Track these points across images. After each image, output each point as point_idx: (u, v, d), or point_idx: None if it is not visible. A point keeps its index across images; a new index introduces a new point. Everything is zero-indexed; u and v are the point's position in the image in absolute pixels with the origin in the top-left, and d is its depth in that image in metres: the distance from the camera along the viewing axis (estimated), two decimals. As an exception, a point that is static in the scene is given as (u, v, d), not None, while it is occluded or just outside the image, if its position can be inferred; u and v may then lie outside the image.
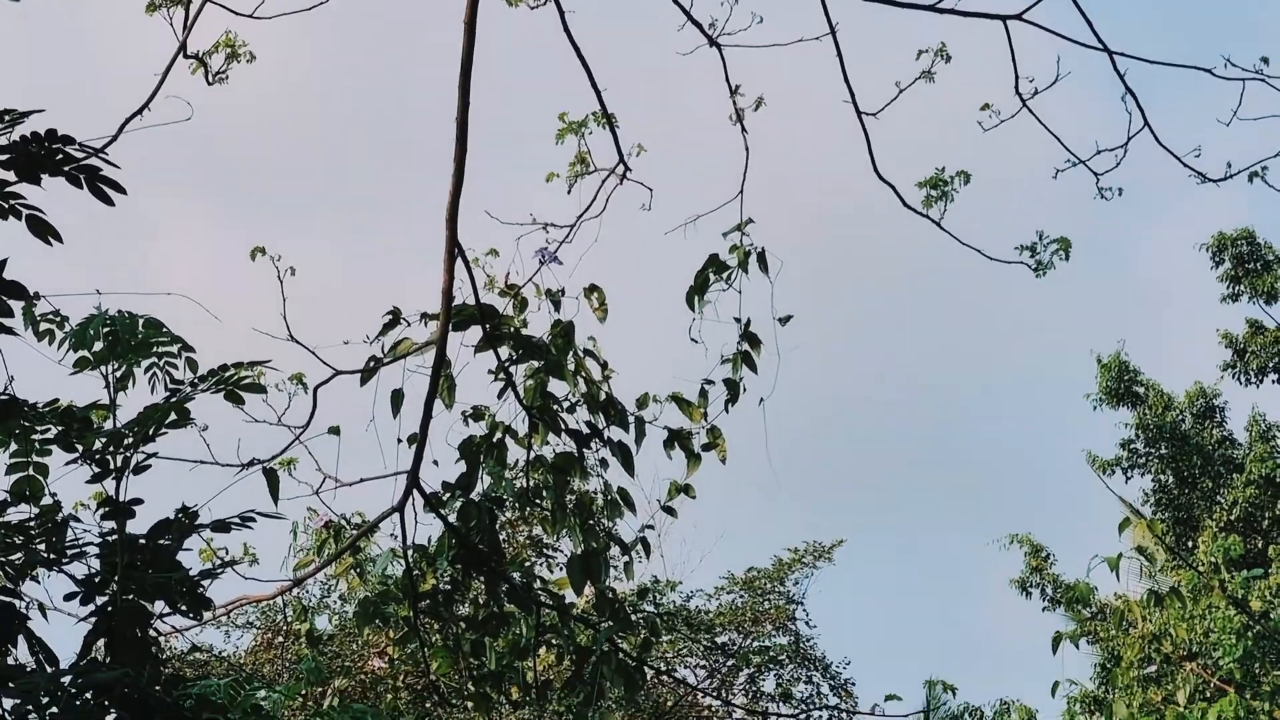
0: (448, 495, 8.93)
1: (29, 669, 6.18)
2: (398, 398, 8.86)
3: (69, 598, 6.53)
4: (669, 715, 33.15)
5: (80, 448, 6.52)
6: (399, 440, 8.81)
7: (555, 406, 9.09)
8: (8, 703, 5.93)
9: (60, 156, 6.28)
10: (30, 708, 5.90)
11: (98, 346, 6.58)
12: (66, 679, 6.02)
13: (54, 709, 5.92)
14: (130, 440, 6.50)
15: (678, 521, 9.75)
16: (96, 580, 6.50)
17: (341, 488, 9.16)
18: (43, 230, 6.33)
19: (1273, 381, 36.58)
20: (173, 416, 6.63)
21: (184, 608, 6.62)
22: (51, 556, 6.51)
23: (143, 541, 6.57)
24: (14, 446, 6.63)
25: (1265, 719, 13.27)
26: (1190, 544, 31.05)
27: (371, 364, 8.84)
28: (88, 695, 6.03)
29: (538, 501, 9.25)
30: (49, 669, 6.13)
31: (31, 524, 6.64)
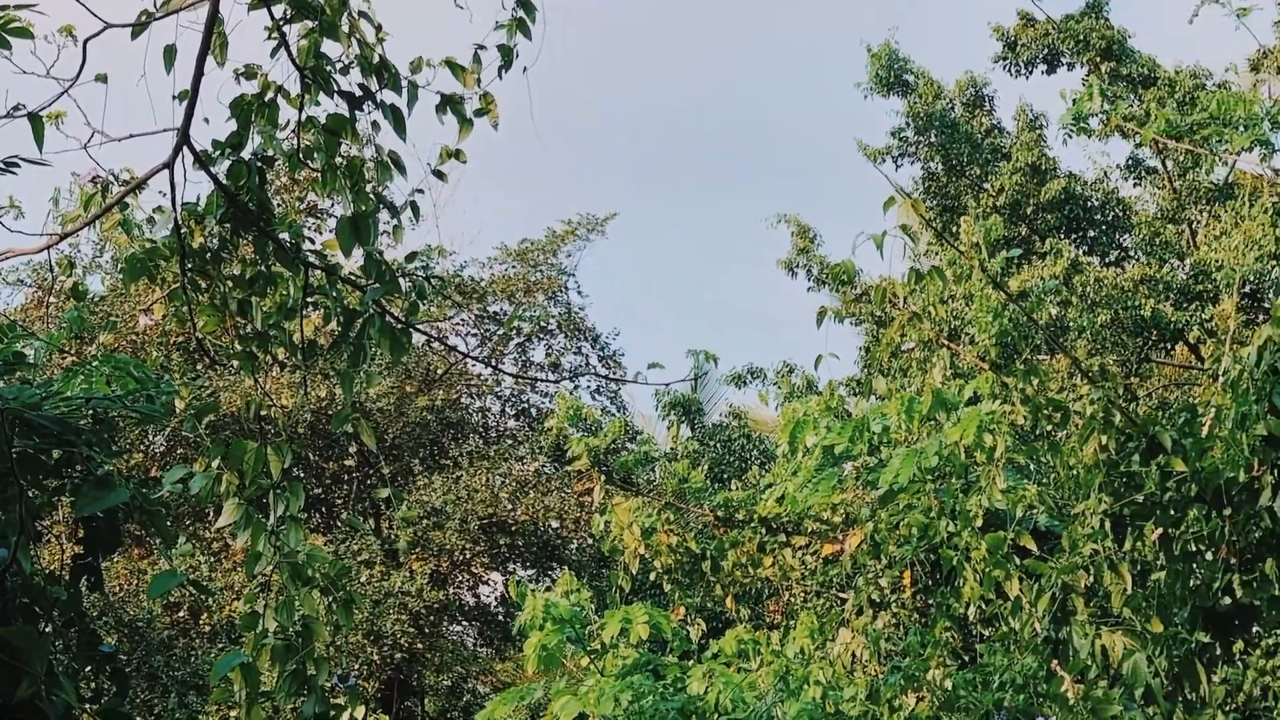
0: (218, 153, 8.90)
1: None
2: (170, 53, 8.73)
3: None
4: (439, 382, 33.53)
5: None
6: (173, 98, 8.73)
7: (328, 68, 9.04)
8: None
9: None
10: None
11: None
12: None
13: None
14: (-109, 83, 6.42)
15: (460, 197, 9.83)
16: None
17: (110, 143, 9.06)
18: None
19: (1041, 73, 37.20)
20: (-65, 60, 6.56)
21: (-53, 254, 6.62)
22: None
23: (-97, 185, 6.54)
24: None
25: (1018, 395, 13.77)
26: (955, 230, 31.80)
27: (143, 18, 8.69)
28: None
29: (308, 163, 9.25)
30: None
31: None
